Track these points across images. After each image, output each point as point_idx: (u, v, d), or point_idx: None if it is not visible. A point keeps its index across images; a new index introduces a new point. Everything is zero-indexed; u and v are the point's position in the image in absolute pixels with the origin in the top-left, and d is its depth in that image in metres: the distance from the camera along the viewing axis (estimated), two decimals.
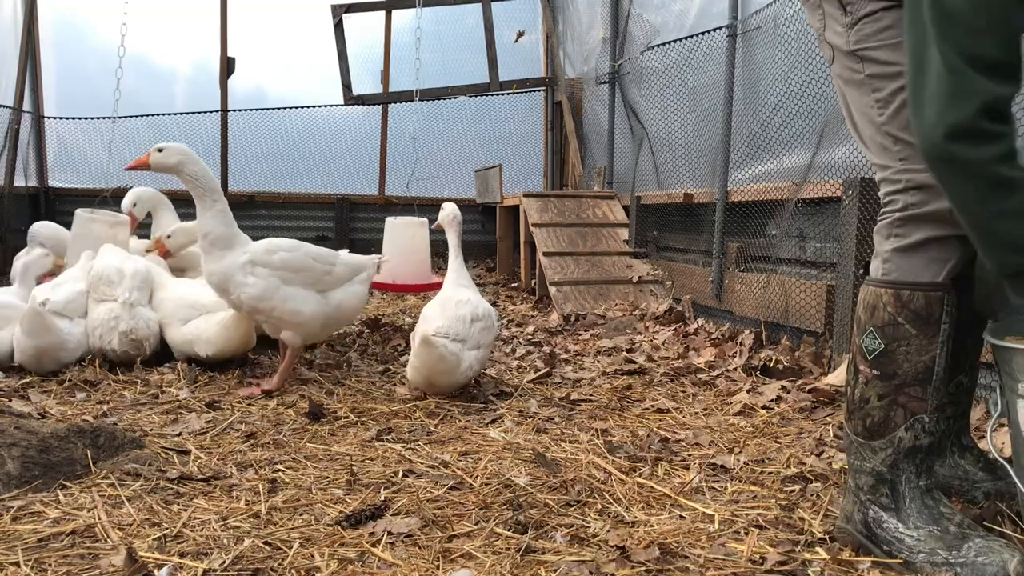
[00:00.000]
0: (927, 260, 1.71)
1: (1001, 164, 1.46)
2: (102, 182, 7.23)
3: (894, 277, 1.74)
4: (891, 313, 1.72)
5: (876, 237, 1.81)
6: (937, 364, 1.71)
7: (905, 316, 1.70)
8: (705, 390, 3.33)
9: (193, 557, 1.71)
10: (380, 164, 8.93)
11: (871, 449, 1.75)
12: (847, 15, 1.80)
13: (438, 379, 3.05)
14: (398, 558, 1.73)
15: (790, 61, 4.07)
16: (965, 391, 2.02)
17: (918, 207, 1.71)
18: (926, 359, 1.70)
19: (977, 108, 1.45)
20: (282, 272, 3.17)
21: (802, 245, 4.05)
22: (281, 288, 3.16)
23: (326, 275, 3.25)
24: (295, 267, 3.19)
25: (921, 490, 1.72)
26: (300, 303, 3.18)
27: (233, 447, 2.52)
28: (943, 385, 1.73)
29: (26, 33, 7.78)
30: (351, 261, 3.37)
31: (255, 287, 3.13)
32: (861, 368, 1.77)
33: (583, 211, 6.17)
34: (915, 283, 1.71)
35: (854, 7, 1.78)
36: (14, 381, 3.26)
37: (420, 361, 3.00)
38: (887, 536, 1.70)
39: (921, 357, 1.70)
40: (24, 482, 2.07)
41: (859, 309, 1.79)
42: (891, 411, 1.73)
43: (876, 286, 1.76)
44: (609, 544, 1.79)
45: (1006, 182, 1.47)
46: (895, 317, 1.71)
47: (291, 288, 3.18)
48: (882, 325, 1.73)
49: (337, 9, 8.28)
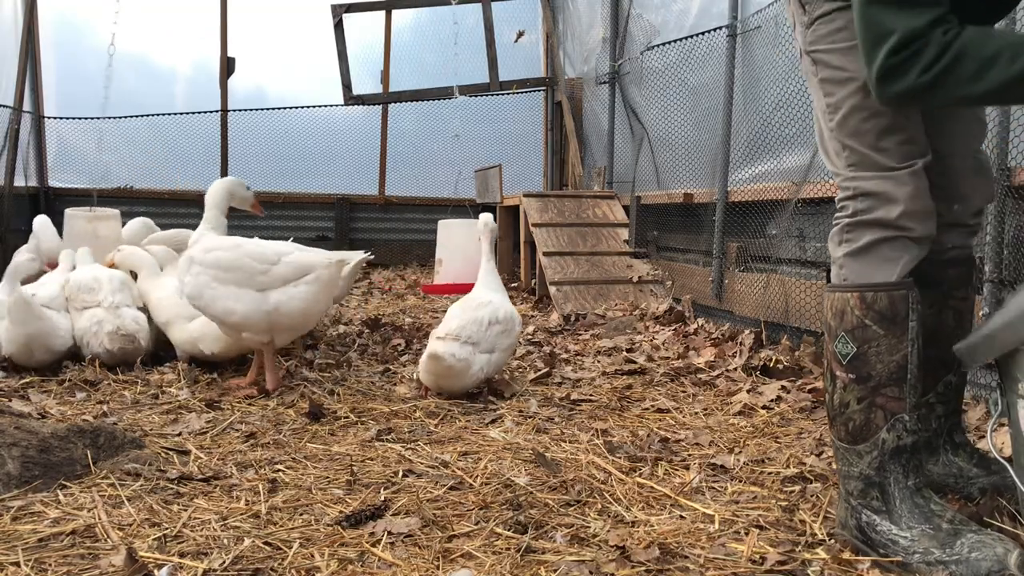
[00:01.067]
0: (880, 260, 1.72)
1: (935, 65, 1.49)
2: (102, 182, 7.25)
3: (853, 280, 1.75)
4: (858, 316, 1.72)
5: (830, 244, 1.83)
6: (910, 362, 1.71)
7: (872, 317, 1.71)
8: (705, 390, 3.33)
9: (193, 557, 1.71)
10: (380, 164, 8.94)
11: (856, 453, 1.75)
12: (805, 14, 1.82)
13: (447, 383, 3.12)
14: (398, 558, 1.73)
15: (790, 61, 4.07)
16: (954, 390, 2.02)
17: (866, 213, 1.73)
18: (898, 358, 1.70)
19: (887, 51, 1.51)
20: (214, 271, 3.11)
21: (802, 245, 4.05)
22: (212, 286, 3.10)
23: (261, 274, 3.10)
24: (227, 265, 3.11)
25: (910, 490, 1.71)
26: (232, 302, 3.08)
27: (233, 447, 2.52)
28: (919, 383, 1.74)
29: (26, 33, 7.78)
30: (297, 260, 3.15)
31: (188, 285, 3.15)
32: (838, 374, 1.77)
33: (583, 211, 6.17)
34: (877, 284, 1.71)
35: (811, 7, 1.80)
36: (14, 381, 3.26)
37: (429, 369, 3.10)
38: (881, 539, 1.70)
39: (893, 356, 1.71)
40: (24, 482, 2.07)
41: (827, 316, 1.79)
42: (871, 413, 1.72)
43: (841, 291, 1.76)
44: (609, 544, 1.79)
45: (955, 64, 1.49)
46: (862, 319, 1.72)
47: (225, 288, 3.10)
48: (851, 328, 1.73)
49: (337, 9, 8.28)
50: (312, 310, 3.17)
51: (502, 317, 3.18)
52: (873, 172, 1.72)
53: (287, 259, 3.14)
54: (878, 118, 1.70)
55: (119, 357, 3.47)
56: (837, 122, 1.76)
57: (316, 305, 3.18)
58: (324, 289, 3.16)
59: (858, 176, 1.74)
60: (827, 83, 1.78)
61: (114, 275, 3.65)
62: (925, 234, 1.73)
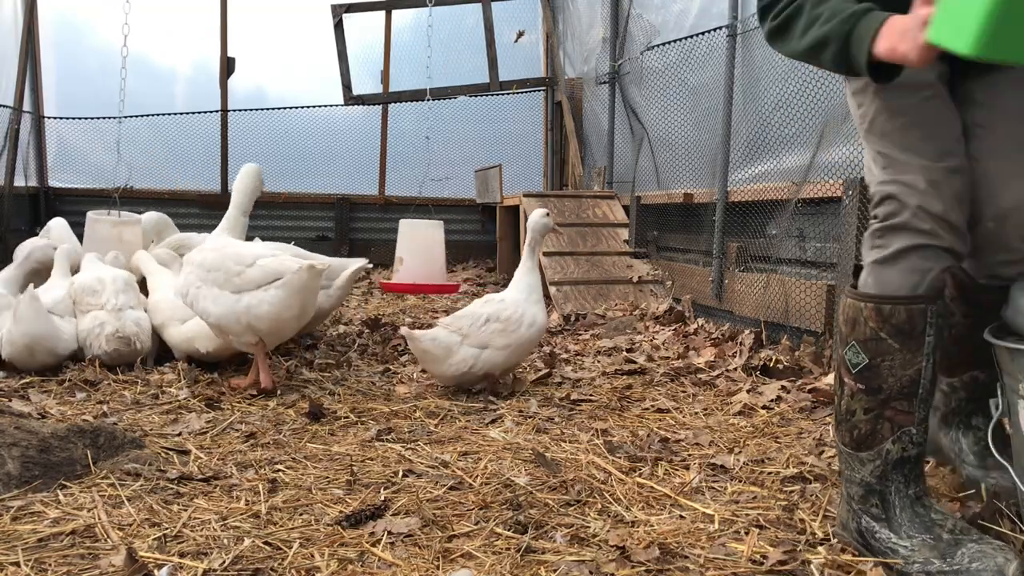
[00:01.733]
0: (907, 270, 1.67)
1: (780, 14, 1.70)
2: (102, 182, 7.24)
3: (874, 291, 1.71)
4: (873, 328, 1.68)
5: (863, 248, 1.79)
6: (923, 377, 1.67)
7: (887, 331, 1.67)
8: (705, 390, 3.33)
9: (193, 557, 1.71)
10: (380, 164, 8.93)
11: (859, 460, 1.74)
12: None
13: (429, 367, 3.29)
14: (398, 558, 1.73)
15: (790, 61, 4.07)
16: (981, 385, 1.98)
17: (893, 217, 1.69)
18: (911, 372, 1.67)
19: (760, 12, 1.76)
20: (200, 271, 3.17)
21: (802, 245, 4.05)
22: (197, 285, 3.17)
23: (236, 276, 3.11)
24: (210, 266, 3.15)
25: (911, 499, 1.70)
26: (209, 303, 3.12)
27: (233, 447, 2.52)
28: (931, 396, 1.70)
29: (26, 33, 7.78)
30: (268, 264, 3.12)
31: (179, 284, 3.27)
32: (846, 380, 1.75)
33: (583, 211, 6.17)
34: (896, 297, 1.67)
35: None
36: (14, 381, 3.26)
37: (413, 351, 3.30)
38: (880, 547, 1.69)
39: (906, 371, 1.67)
40: (24, 482, 2.07)
41: (840, 320, 1.76)
42: (878, 424, 1.70)
43: (856, 299, 1.72)
44: (609, 544, 1.79)
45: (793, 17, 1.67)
46: (877, 332, 1.68)
47: (207, 288, 3.14)
48: (864, 340, 1.70)
49: (337, 9, 8.28)
50: (284, 315, 3.06)
51: (504, 317, 3.19)
52: (902, 172, 1.69)
53: (260, 262, 3.10)
54: (900, 116, 1.70)
55: (117, 359, 3.47)
56: (867, 129, 1.76)
57: (288, 311, 3.07)
58: (296, 295, 3.06)
59: (887, 180, 1.71)
60: (857, 95, 1.79)
61: (118, 277, 3.65)
62: (953, 244, 1.67)
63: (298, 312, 3.12)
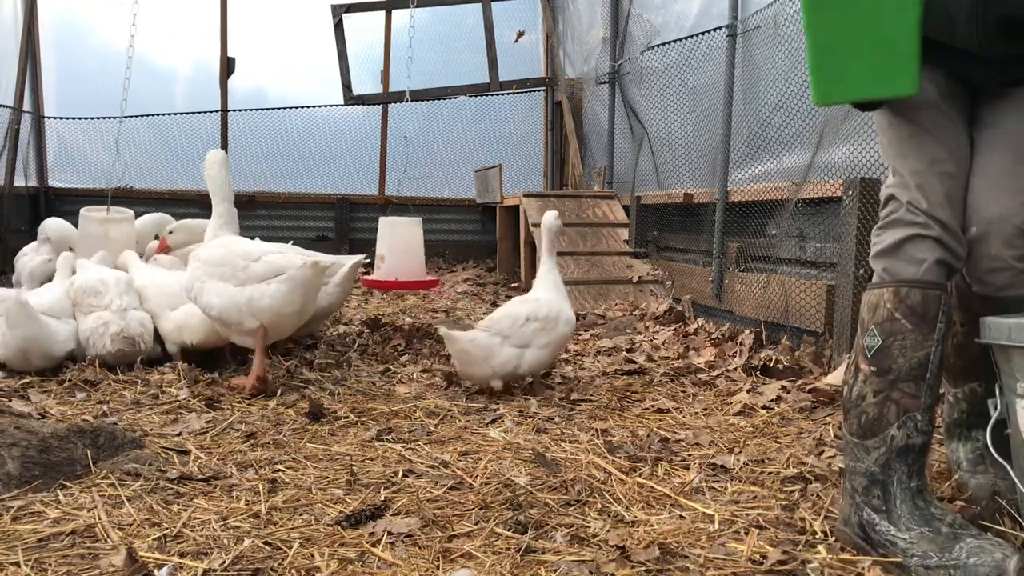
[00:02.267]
0: (906, 259, 1.80)
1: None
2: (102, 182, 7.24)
3: (889, 277, 1.83)
4: (889, 309, 1.78)
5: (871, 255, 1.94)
6: (931, 362, 1.74)
7: (902, 311, 1.76)
8: (705, 390, 3.33)
9: (193, 557, 1.71)
10: (380, 164, 8.94)
11: (864, 449, 1.78)
12: None
13: (466, 369, 3.22)
14: (398, 558, 1.73)
15: (790, 61, 4.07)
16: (980, 399, 2.04)
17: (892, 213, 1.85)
18: (920, 355, 1.74)
19: None
20: (207, 266, 3.24)
21: (802, 245, 4.05)
22: (202, 279, 3.22)
23: (242, 270, 3.19)
24: (216, 261, 3.23)
25: (912, 491, 1.73)
26: (213, 297, 3.19)
27: (233, 447, 2.52)
28: (938, 385, 1.77)
29: (26, 33, 7.78)
30: (273, 260, 3.20)
31: (185, 278, 3.31)
32: (861, 366, 1.81)
33: (583, 211, 6.17)
34: (914, 280, 1.77)
35: None
36: (14, 381, 3.26)
37: (449, 350, 3.24)
38: (880, 539, 1.71)
39: (916, 353, 1.75)
40: (24, 482, 2.07)
41: (863, 311, 1.85)
42: (885, 407, 1.76)
43: (878, 287, 1.83)
44: (609, 544, 1.79)
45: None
46: (893, 313, 1.77)
47: (212, 282, 3.21)
48: (881, 321, 1.79)
49: (337, 9, 8.28)
50: (285, 310, 3.15)
51: (543, 315, 3.22)
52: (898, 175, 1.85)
53: (265, 258, 3.20)
54: (897, 127, 1.86)
55: (121, 358, 3.48)
56: (882, 144, 1.94)
57: (289, 306, 3.15)
58: (298, 290, 3.13)
59: (890, 183, 1.87)
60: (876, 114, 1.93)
61: (120, 278, 3.66)
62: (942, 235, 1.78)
63: (299, 308, 3.19)
